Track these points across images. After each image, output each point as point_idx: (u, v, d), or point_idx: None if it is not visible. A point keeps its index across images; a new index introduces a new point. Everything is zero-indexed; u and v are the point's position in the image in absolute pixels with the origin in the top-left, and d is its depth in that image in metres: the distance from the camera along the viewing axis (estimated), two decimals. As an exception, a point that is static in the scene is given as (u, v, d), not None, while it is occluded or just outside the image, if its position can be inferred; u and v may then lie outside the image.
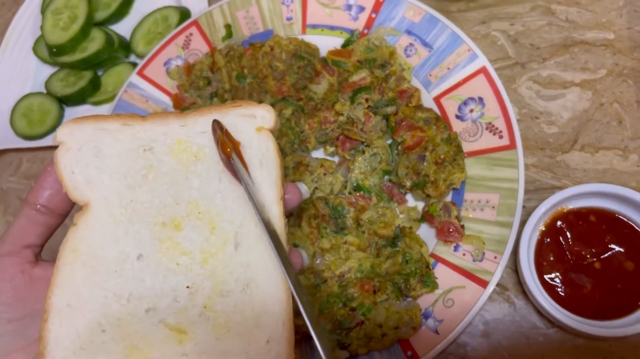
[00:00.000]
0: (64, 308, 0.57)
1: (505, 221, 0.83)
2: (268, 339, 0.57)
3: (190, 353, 0.56)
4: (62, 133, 0.60)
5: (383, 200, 0.92)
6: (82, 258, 0.58)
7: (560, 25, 0.99)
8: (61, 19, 1.19)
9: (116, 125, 0.61)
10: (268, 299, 0.57)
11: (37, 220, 0.61)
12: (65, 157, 0.59)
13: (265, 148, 0.60)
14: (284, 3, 1.08)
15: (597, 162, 0.90)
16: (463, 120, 0.92)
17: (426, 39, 0.98)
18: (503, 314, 0.85)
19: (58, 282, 0.57)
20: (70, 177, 0.59)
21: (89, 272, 0.58)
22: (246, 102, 0.62)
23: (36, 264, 0.61)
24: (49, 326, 0.56)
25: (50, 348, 0.56)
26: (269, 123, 0.61)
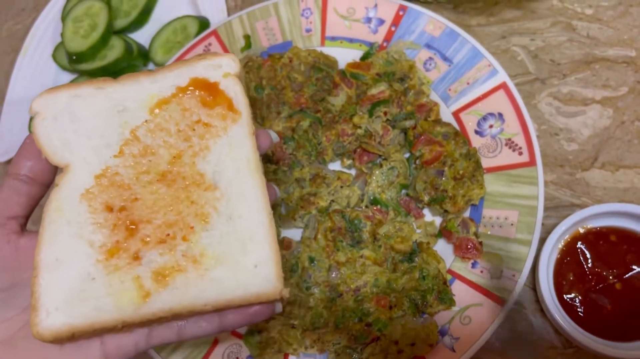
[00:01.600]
0: (52, 262, 0.58)
1: (524, 239, 0.83)
2: (256, 263, 0.59)
3: (180, 286, 0.58)
4: (37, 104, 0.62)
5: (400, 214, 0.91)
6: (66, 215, 0.60)
7: (581, 42, 0.99)
8: (82, 27, 1.20)
9: (89, 89, 0.64)
10: (251, 226, 0.60)
11: (20, 191, 0.62)
12: (42, 126, 0.62)
13: (234, 91, 0.64)
14: (304, 14, 1.08)
15: (617, 180, 0.89)
16: (482, 136, 0.92)
17: (446, 53, 0.98)
18: (520, 332, 0.85)
19: (45, 240, 0.59)
20: (48, 144, 0.61)
21: (73, 227, 0.59)
22: (210, 54, 0.66)
23: (22, 234, 0.62)
24: (39, 280, 0.57)
25: (42, 300, 0.57)
26: (234, 69, 0.65)
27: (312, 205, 0.93)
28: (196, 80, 0.64)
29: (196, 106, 0.64)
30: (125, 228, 0.60)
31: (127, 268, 0.59)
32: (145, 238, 0.60)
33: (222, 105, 0.64)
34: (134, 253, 0.59)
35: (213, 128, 0.63)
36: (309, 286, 0.88)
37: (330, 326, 0.84)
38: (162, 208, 0.61)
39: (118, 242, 0.59)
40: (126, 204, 0.61)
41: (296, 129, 0.97)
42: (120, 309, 0.57)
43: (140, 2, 1.25)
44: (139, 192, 0.61)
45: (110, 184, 0.61)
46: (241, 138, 0.63)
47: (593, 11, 1.00)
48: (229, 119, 0.64)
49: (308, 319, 0.86)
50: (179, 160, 0.62)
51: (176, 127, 0.63)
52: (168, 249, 0.60)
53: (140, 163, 0.62)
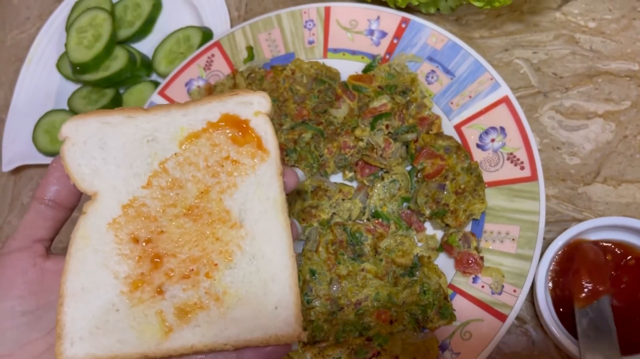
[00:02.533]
0: (78, 291, 0.59)
1: (525, 254, 0.83)
2: (276, 305, 0.60)
3: (202, 323, 0.59)
4: (67, 129, 0.62)
5: (401, 227, 0.91)
6: (93, 243, 0.60)
7: (584, 55, 0.98)
8: (85, 37, 1.20)
9: (120, 118, 0.63)
10: (274, 267, 0.61)
11: (46, 215, 0.63)
12: (72, 151, 0.62)
13: (264, 130, 0.63)
14: (306, 26, 1.08)
15: (619, 195, 0.89)
16: (484, 150, 0.91)
17: (448, 66, 0.98)
18: (521, 347, 0.84)
19: (71, 268, 0.59)
20: (77, 170, 0.62)
21: (100, 257, 0.60)
22: (243, 90, 0.65)
23: (47, 257, 0.63)
24: (64, 309, 0.58)
25: (67, 329, 0.58)
26: (265, 108, 0.64)
27: (313, 218, 0.93)
28: (227, 116, 0.64)
29: (226, 142, 0.63)
30: (150, 261, 0.60)
31: (151, 301, 0.59)
32: (170, 272, 0.60)
33: (252, 143, 0.63)
34: (158, 286, 0.60)
35: (241, 166, 0.63)
36: (310, 299, 0.88)
37: (331, 340, 0.84)
38: (187, 242, 0.61)
39: (143, 274, 0.60)
40: (152, 236, 0.61)
41: (298, 141, 0.97)
42: (143, 344, 0.58)
43: (143, 13, 1.26)
44: (165, 225, 0.61)
45: (137, 215, 0.61)
46: (269, 178, 0.63)
47: (596, 24, 1.00)
48: (258, 158, 0.63)
49: (309, 332, 0.86)
50: (206, 195, 0.62)
51: (205, 162, 0.63)
52: (191, 285, 0.60)
53: (168, 196, 0.62)
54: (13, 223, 1.22)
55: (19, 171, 1.26)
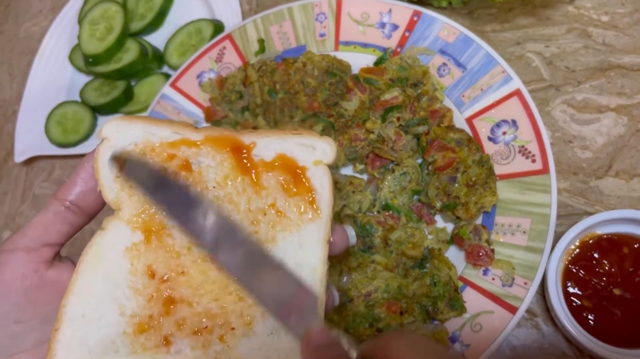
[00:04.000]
0: (78, 318, 0.53)
1: (537, 247, 0.82)
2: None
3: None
4: (109, 129, 0.56)
5: (412, 220, 0.91)
6: (105, 266, 0.54)
7: (596, 49, 0.98)
8: (98, 30, 1.21)
9: (167, 132, 0.57)
10: (295, 347, 0.53)
11: (64, 218, 0.57)
12: (107, 154, 0.55)
13: (320, 184, 0.56)
14: (318, 19, 1.09)
15: (631, 188, 0.89)
16: (495, 143, 0.91)
17: (460, 59, 0.98)
18: (531, 340, 0.84)
19: (75, 289, 0.54)
20: (107, 177, 0.55)
21: (108, 284, 0.54)
22: (308, 132, 0.57)
23: (51, 265, 0.57)
24: (59, 336, 0.53)
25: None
26: (329, 158, 0.57)
27: (324, 210, 0.93)
28: (283, 158, 0.56)
29: (275, 188, 0.56)
30: (162, 303, 0.54)
31: (154, 351, 0.53)
32: (181, 323, 0.54)
33: (304, 196, 0.55)
34: (165, 336, 0.53)
35: (286, 220, 0.55)
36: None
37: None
38: (207, 293, 0.54)
39: (151, 317, 0.54)
40: (170, 275, 0.54)
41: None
42: None
43: (155, 5, 1.27)
44: (187, 266, 0.54)
45: (161, 246, 0.55)
46: (313, 242, 0.55)
47: (609, 18, 1.00)
48: (307, 215, 0.55)
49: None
50: None
51: (247, 205, 0.55)
52: (202, 344, 0.53)
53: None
54: (25, 214, 1.23)
55: (31, 162, 1.27)
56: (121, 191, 0.55)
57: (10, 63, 1.43)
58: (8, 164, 1.30)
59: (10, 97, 1.38)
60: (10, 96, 1.38)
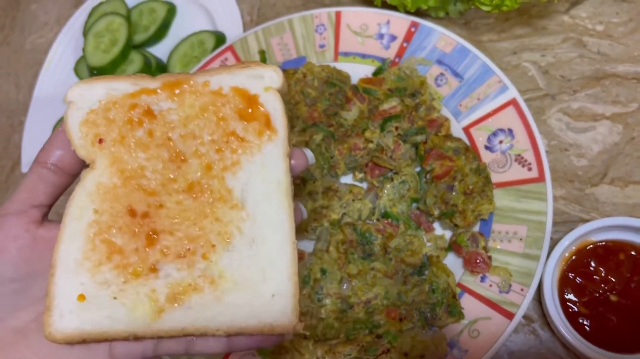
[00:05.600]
0: (70, 262, 0.57)
1: (533, 253, 0.84)
2: (273, 293, 0.57)
3: (195, 305, 0.57)
4: (73, 93, 0.60)
5: (411, 227, 0.93)
6: (87, 214, 0.58)
7: (591, 58, 1.00)
8: (102, 42, 1.23)
9: (126, 85, 0.61)
10: (274, 253, 0.58)
11: (47, 179, 0.61)
12: (75, 116, 0.59)
13: (273, 107, 0.60)
14: (317, 30, 1.11)
15: (626, 196, 0.90)
16: (492, 151, 0.93)
17: (457, 69, 0.99)
18: (528, 346, 0.86)
19: (64, 238, 0.57)
20: (78, 136, 0.59)
21: (94, 228, 0.58)
22: (254, 63, 0.62)
23: (41, 224, 0.61)
24: (55, 280, 0.56)
25: (57, 302, 0.56)
26: (277, 83, 0.61)
27: (324, 218, 0.95)
28: (236, 90, 0.61)
29: (233, 117, 0.60)
30: (146, 236, 0.58)
31: (144, 278, 0.57)
32: (165, 250, 0.58)
33: (259, 121, 0.60)
34: (152, 264, 0.57)
35: (247, 144, 0.60)
36: (321, 298, 0.90)
37: (342, 338, 0.86)
38: (185, 220, 0.58)
39: (137, 250, 0.58)
40: (150, 210, 0.59)
41: (309, 143, 0.99)
42: (133, 322, 0.57)
43: (158, 18, 1.29)
44: (163, 200, 0.59)
45: (137, 187, 0.59)
46: (275, 159, 0.60)
47: (604, 27, 1.01)
48: (265, 136, 0.60)
49: (320, 330, 0.88)
50: (209, 172, 0.60)
51: (210, 137, 0.60)
52: (187, 265, 0.58)
53: (170, 169, 0.60)
54: (32, 223, 1.25)
55: (38, 172, 1.29)
56: (92, 146, 0.60)
57: (16, 75, 1.45)
58: (15, 174, 1.32)
59: (17, 107, 1.40)
60: (16, 107, 1.40)
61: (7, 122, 1.39)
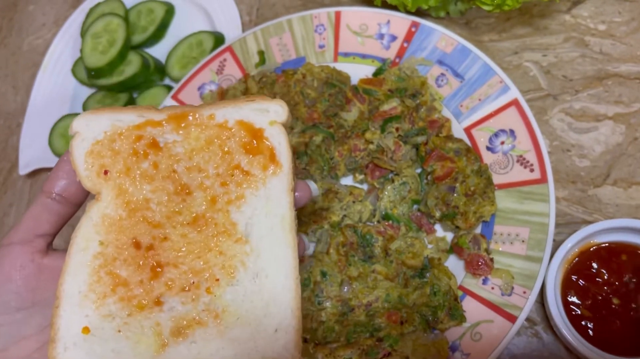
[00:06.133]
0: (75, 294, 0.57)
1: (535, 256, 0.83)
2: (276, 328, 0.57)
3: (198, 340, 0.57)
4: (78, 124, 0.60)
5: (412, 229, 0.92)
6: (93, 246, 0.58)
7: (593, 57, 0.99)
8: (100, 43, 1.22)
9: (132, 116, 0.61)
10: (277, 288, 0.58)
11: (52, 209, 0.61)
12: (80, 147, 0.60)
13: (278, 141, 0.61)
14: (317, 31, 1.10)
15: (629, 197, 0.89)
16: (494, 152, 0.92)
17: (458, 69, 0.99)
18: (531, 349, 0.85)
19: (69, 269, 0.58)
20: (84, 167, 0.60)
21: (99, 260, 0.58)
22: (260, 97, 0.62)
23: (46, 254, 0.61)
24: (60, 312, 0.56)
25: (62, 333, 0.56)
26: (282, 117, 0.61)
27: (324, 220, 0.94)
28: (241, 123, 0.61)
29: (238, 150, 0.60)
30: (150, 269, 0.58)
31: (148, 311, 0.58)
32: (170, 283, 0.58)
33: (264, 154, 0.60)
34: (157, 296, 0.58)
35: (251, 178, 0.60)
36: (321, 301, 0.89)
37: (342, 341, 0.85)
38: (190, 253, 0.59)
39: (142, 282, 0.58)
40: (154, 243, 0.59)
41: (309, 144, 0.98)
42: (137, 356, 0.57)
43: (157, 18, 1.28)
44: (168, 232, 0.59)
45: (142, 219, 0.59)
46: (279, 193, 0.60)
47: (606, 27, 1.01)
48: (270, 170, 0.60)
49: (320, 333, 0.87)
50: (214, 205, 0.60)
51: (215, 170, 0.60)
52: (191, 299, 0.58)
53: (175, 201, 0.60)
54: (29, 226, 1.25)
55: (35, 174, 1.28)
56: (97, 177, 0.60)
57: (14, 77, 1.44)
58: (13, 176, 1.31)
59: (15, 109, 1.39)
60: (14, 109, 1.39)
61: (5, 124, 1.39)
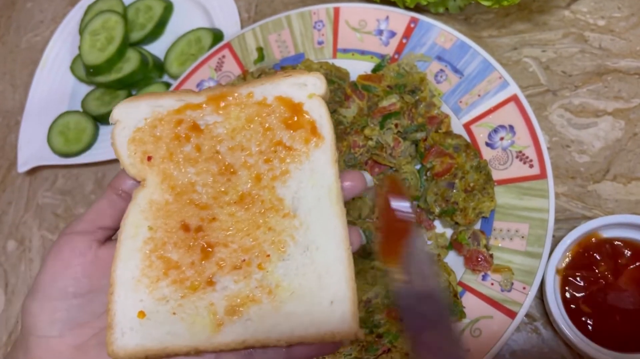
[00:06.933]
0: (128, 280, 0.58)
1: (535, 251, 0.83)
2: (332, 300, 0.56)
3: (254, 317, 0.57)
4: (118, 112, 0.61)
5: (411, 226, 0.92)
6: (142, 231, 0.59)
7: (593, 53, 0.99)
8: (98, 40, 1.22)
9: (171, 101, 0.62)
10: (329, 259, 0.58)
11: (116, 204, 0.63)
12: (122, 135, 0.61)
13: (318, 114, 0.61)
14: (316, 27, 1.09)
15: (629, 192, 0.89)
16: (493, 148, 0.92)
17: (457, 65, 0.98)
18: (531, 345, 0.85)
19: (121, 256, 0.58)
20: (127, 154, 0.61)
21: (149, 244, 0.59)
22: (297, 71, 0.62)
23: (104, 244, 0.62)
24: (114, 298, 0.57)
25: (118, 319, 0.57)
26: (320, 90, 0.61)
27: (323, 217, 0.94)
28: (280, 99, 0.61)
29: (279, 126, 0.61)
30: (201, 250, 0.59)
31: (202, 292, 0.58)
32: (221, 262, 0.58)
33: (305, 128, 0.60)
34: (209, 277, 0.58)
35: (295, 152, 0.60)
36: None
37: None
38: (239, 231, 0.59)
39: (193, 264, 0.58)
40: (203, 224, 0.59)
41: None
42: (193, 337, 0.57)
43: (155, 15, 1.28)
44: (216, 213, 0.59)
45: (189, 202, 0.60)
46: (323, 165, 0.60)
47: (605, 22, 1.00)
48: (312, 144, 0.60)
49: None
50: (259, 183, 0.60)
51: (258, 148, 0.60)
52: (243, 276, 0.58)
53: (220, 182, 0.60)
54: (29, 223, 1.25)
55: (34, 172, 1.28)
56: (141, 164, 0.61)
57: (12, 74, 1.44)
58: (11, 174, 1.31)
59: (13, 107, 1.39)
60: (12, 107, 1.39)
61: (3, 122, 1.38)
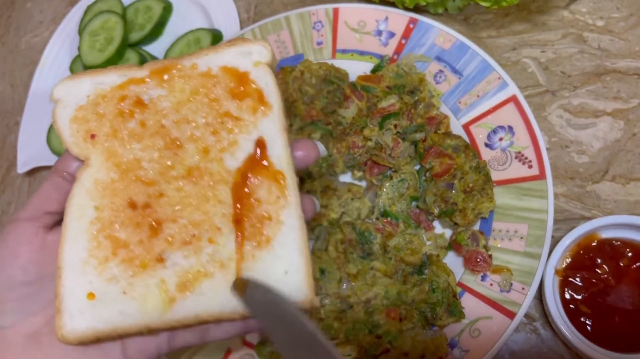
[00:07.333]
0: (76, 262, 0.57)
1: (534, 252, 0.83)
2: (286, 270, 0.56)
3: (206, 291, 0.56)
4: (59, 91, 0.60)
5: (410, 226, 0.92)
6: (88, 212, 0.58)
7: (592, 53, 0.99)
8: (98, 41, 1.22)
9: (114, 77, 0.61)
10: (281, 229, 0.57)
11: (62, 188, 0.61)
12: (64, 114, 0.59)
13: (265, 82, 0.60)
14: (315, 28, 1.10)
15: (628, 193, 0.89)
16: (492, 149, 0.92)
17: (456, 65, 0.98)
18: (530, 345, 0.85)
19: (67, 238, 0.57)
20: (69, 133, 0.59)
21: (96, 225, 0.57)
22: (241, 40, 0.61)
23: (51, 230, 0.61)
24: (62, 281, 0.56)
25: (66, 303, 0.56)
26: (266, 58, 0.61)
27: (322, 217, 0.94)
28: (226, 69, 0.60)
29: (225, 97, 0.59)
30: (149, 227, 0.57)
31: (152, 269, 0.57)
32: (170, 239, 0.57)
33: (252, 97, 0.59)
34: (158, 254, 0.57)
35: (242, 122, 0.59)
36: (320, 298, 0.89)
37: (341, 338, 0.85)
38: (187, 206, 0.58)
39: (142, 242, 0.57)
40: (150, 201, 0.58)
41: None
42: (145, 315, 0.56)
43: (154, 16, 1.27)
44: (163, 188, 0.58)
45: (135, 179, 0.58)
46: (272, 134, 0.59)
47: (604, 23, 1.00)
48: (259, 113, 0.59)
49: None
50: (207, 155, 0.59)
51: (204, 120, 0.59)
52: (193, 251, 0.57)
53: (166, 156, 0.59)
54: (28, 224, 1.24)
55: (34, 172, 1.28)
56: (84, 143, 0.59)
57: (12, 75, 1.44)
58: (11, 174, 1.31)
59: (12, 108, 1.39)
60: (12, 107, 1.39)
61: (3, 122, 1.38)
